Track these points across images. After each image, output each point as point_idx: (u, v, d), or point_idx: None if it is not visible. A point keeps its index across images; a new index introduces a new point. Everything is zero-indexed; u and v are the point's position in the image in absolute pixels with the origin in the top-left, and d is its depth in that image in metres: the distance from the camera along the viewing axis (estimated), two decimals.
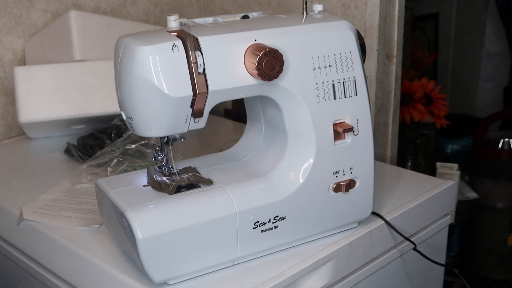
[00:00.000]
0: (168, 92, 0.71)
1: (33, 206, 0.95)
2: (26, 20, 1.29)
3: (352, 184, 0.85)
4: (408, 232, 0.97)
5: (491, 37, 2.43)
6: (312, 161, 0.81)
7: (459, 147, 2.07)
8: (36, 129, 1.22)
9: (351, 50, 0.82)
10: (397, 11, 1.25)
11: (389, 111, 1.32)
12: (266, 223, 0.80)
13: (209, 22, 0.81)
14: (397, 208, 0.96)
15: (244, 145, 0.88)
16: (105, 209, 0.82)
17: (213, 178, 0.81)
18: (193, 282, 0.78)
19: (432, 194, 1.01)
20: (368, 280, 0.93)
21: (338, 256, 0.86)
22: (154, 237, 0.73)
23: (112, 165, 1.04)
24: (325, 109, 0.81)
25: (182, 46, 0.72)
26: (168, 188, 0.78)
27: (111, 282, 0.80)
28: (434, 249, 1.06)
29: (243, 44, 0.75)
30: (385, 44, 1.26)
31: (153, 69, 0.70)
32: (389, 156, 1.35)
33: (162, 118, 0.73)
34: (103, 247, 0.85)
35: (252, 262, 0.82)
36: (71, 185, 1.02)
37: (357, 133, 0.84)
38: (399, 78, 1.31)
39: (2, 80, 1.28)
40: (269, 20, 0.82)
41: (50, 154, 1.17)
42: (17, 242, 0.97)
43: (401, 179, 1.07)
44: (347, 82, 0.82)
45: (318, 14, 0.85)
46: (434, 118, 1.77)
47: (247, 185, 0.80)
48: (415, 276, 1.04)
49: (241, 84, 0.76)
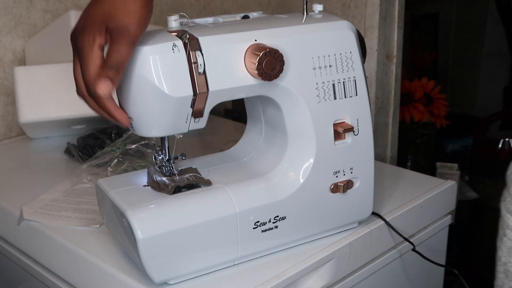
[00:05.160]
0: (168, 92, 0.71)
1: (33, 206, 0.95)
2: (26, 20, 1.29)
3: (350, 185, 0.85)
4: (408, 232, 0.97)
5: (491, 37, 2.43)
6: (312, 161, 0.81)
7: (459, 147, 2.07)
8: (36, 129, 1.22)
9: (351, 50, 0.82)
10: (397, 11, 1.25)
11: (389, 111, 1.32)
12: (266, 223, 0.80)
13: (209, 22, 0.81)
14: (397, 208, 0.96)
15: (244, 145, 0.88)
16: (105, 209, 0.81)
17: (214, 178, 0.81)
18: (193, 282, 0.78)
19: (432, 194, 1.01)
20: (368, 280, 0.93)
21: (338, 256, 0.86)
22: (155, 237, 0.73)
23: (112, 165, 1.04)
24: (325, 109, 0.81)
25: (182, 46, 0.72)
26: (167, 189, 0.78)
27: (111, 282, 0.80)
28: (434, 249, 1.06)
29: (244, 44, 0.75)
30: (385, 44, 1.26)
31: (153, 69, 0.70)
32: (389, 156, 1.35)
33: (162, 118, 0.73)
34: (103, 247, 0.85)
35: (252, 262, 0.82)
36: (71, 185, 1.02)
37: (357, 133, 0.84)
38: (399, 78, 1.31)
39: (2, 80, 1.28)
40: (269, 20, 0.82)
41: (50, 154, 1.17)
42: (17, 242, 0.97)
43: (401, 179, 1.07)
44: (347, 82, 0.82)
45: (318, 14, 0.85)
46: (434, 118, 1.77)
47: (247, 185, 0.80)
48: (415, 276, 1.04)
49: (241, 84, 0.76)
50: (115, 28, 0.67)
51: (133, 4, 0.67)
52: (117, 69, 0.67)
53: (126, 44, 0.67)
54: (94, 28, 0.68)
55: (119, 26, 0.66)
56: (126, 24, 0.67)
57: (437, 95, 1.77)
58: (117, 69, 0.67)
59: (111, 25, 0.67)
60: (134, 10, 0.67)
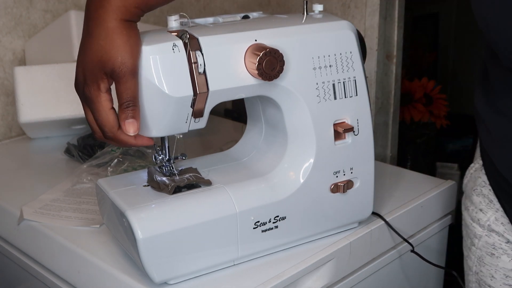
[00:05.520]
0: (168, 92, 0.71)
1: (33, 206, 0.95)
2: (26, 20, 1.29)
3: (350, 185, 0.85)
4: (408, 233, 0.97)
5: None
6: (312, 161, 0.81)
7: (459, 147, 2.07)
8: (36, 129, 1.22)
9: (351, 50, 0.82)
10: (397, 11, 1.26)
11: (389, 111, 1.32)
12: (267, 223, 0.80)
13: (209, 22, 0.81)
14: (397, 208, 0.96)
15: (244, 145, 0.88)
16: (106, 209, 0.81)
17: (214, 178, 0.81)
18: (193, 282, 0.78)
19: (432, 194, 1.01)
20: (368, 280, 0.93)
21: (338, 256, 0.86)
22: (155, 237, 0.73)
23: (112, 165, 1.04)
24: (326, 109, 0.81)
25: (182, 46, 0.72)
26: (167, 189, 0.78)
27: (111, 282, 0.80)
28: (434, 250, 1.06)
29: (244, 44, 0.75)
30: (385, 44, 1.26)
31: (153, 69, 0.70)
32: (389, 156, 1.35)
33: (162, 118, 0.73)
34: (103, 247, 0.85)
35: (252, 262, 0.82)
36: (71, 185, 1.02)
37: (357, 133, 0.84)
38: (399, 78, 1.31)
39: (2, 80, 1.28)
40: (269, 20, 0.82)
41: (50, 154, 1.17)
42: (17, 242, 0.97)
43: (401, 179, 1.07)
44: (348, 82, 0.82)
45: (318, 14, 0.85)
46: (434, 118, 1.77)
47: (247, 185, 0.80)
48: (415, 276, 1.04)
49: (241, 84, 0.76)
50: (113, 70, 0.68)
51: (120, 40, 0.68)
52: (133, 104, 0.70)
53: (129, 78, 0.69)
54: (95, 76, 0.69)
55: (116, 66, 0.68)
56: (121, 61, 0.68)
57: (437, 95, 1.77)
58: (133, 104, 0.70)
59: (109, 69, 0.68)
60: (123, 44, 0.68)
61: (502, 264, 0.83)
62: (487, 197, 0.84)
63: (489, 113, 0.79)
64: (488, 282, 0.85)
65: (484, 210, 0.85)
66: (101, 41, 0.68)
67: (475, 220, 0.86)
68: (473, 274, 0.89)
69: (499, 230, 0.83)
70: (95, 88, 0.70)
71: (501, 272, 0.83)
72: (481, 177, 0.86)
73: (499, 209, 0.83)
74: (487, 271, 0.85)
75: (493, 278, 0.84)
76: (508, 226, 0.82)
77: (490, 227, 0.84)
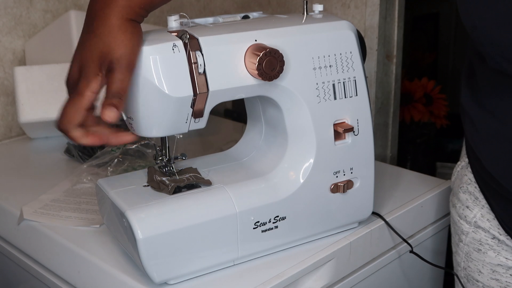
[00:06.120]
0: (168, 92, 0.71)
1: (33, 206, 0.95)
2: (26, 20, 1.29)
3: (350, 185, 0.85)
4: (408, 233, 0.97)
5: None
6: (312, 161, 0.81)
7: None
8: (36, 129, 1.22)
9: (351, 50, 0.82)
10: (397, 11, 1.26)
11: (389, 111, 1.32)
12: (267, 223, 0.80)
13: (209, 22, 0.81)
14: (397, 208, 0.96)
15: (244, 145, 0.88)
16: (106, 209, 0.81)
17: (214, 178, 0.81)
18: (193, 282, 0.78)
19: (432, 194, 1.01)
20: (368, 280, 0.93)
21: (338, 256, 0.86)
22: (155, 237, 0.73)
23: (112, 165, 1.04)
24: (326, 109, 0.81)
25: (182, 46, 0.72)
26: (167, 189, 0.78)
27: (111, 282, 0.80)
28: (434, 250, 1.06)
29: (244, 44, 0.75)
30: (385, 44, 1.26)
31: (153, 69, 0.70)
32: (389, 156, 1.35)
33: (162, 118, 0.73)
34: (103, 247, 0.85)
35: (252, 262, 0.82)
36: (71, 185, 1.02)
37: (357, 133, 0.84)
38: (399, 78, 1.31)
39: (2, 80, 1.28)
40: (269, 20, 0.82)
41: (50, 154, 1.17)
42: (17, 242, 0.97)
43: (401, 179, 1.07)
44: (348, 82, 0.82)
45: (318, 14, 0.85)
46: (434, 118, 1.77)
47: (247, 185, 0.80)
48: (415, 277, 1.04)
49: (241, 84, 0.76)
50: (111, 61, 0.69)
51: (123, 36, 0.69)
52: (120, 96, 0.70)
53: (124, 72, 0.69)
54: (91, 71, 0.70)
55: (115, 58, 0.69)
56: (121, 54, 0.69)
57: (437, 95, 1.77)
58: (120, 96, 0.70)
59: (108, 59, 0.69)
60: (126, 40, 0.69)
61: (489, 260, 0.85)
62: (473, 194, 0.86)
63: (476, 111, 0.79)
64: (476, 277, 0.87)
65: (470, 207, 0.86)
66: (104, 37, 0.69)
67: (462, 217, 0.88)
68: (461, 269, 0.90)
69: (485, 226, 0.84)
70: (85, 85, 0.70)
71: (488, 267, 0.85)
72: (467, 175, 0.87)
73: (485, 206, 0.85)
74: (474, 266, 0.87)
75: (481, 273, 0.86)
76: (493, 222, 0.84)
77: (476, 223, 0.86)
